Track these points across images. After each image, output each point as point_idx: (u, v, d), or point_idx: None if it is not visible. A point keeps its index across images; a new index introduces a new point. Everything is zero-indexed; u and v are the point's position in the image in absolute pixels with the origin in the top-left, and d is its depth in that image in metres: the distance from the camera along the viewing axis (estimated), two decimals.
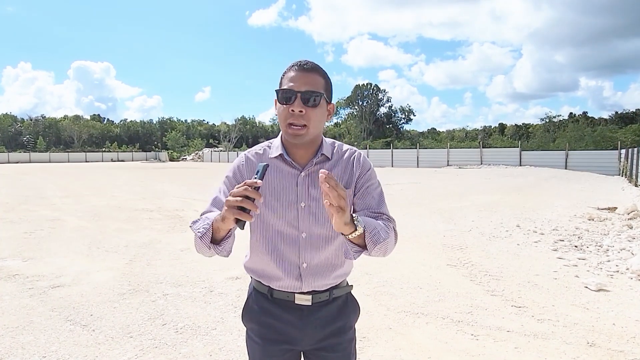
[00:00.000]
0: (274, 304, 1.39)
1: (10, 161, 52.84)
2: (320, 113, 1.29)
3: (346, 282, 1.47)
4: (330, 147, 1.39)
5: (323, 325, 1.39)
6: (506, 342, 3.14)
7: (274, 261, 1.35)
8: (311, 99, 1.25)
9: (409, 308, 3.81)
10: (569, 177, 19.61)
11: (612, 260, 5.30)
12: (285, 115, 1.26)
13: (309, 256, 1.34)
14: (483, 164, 31.26)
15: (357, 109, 65.04)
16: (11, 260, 5.38)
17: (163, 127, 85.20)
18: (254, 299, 1.44)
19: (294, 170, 1.34)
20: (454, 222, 8.03)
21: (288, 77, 1.27)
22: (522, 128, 64.79)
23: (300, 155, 1.35)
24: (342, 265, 1.41)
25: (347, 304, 1.45)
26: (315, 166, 1.34)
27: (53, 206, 10.51)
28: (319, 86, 1.27)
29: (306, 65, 1.27)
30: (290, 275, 1.35)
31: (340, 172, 1.36)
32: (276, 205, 1.33)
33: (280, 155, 1.34)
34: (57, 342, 3.10)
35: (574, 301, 3.98)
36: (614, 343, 3.12)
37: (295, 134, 1.26)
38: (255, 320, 1.42)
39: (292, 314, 1.37)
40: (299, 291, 1.36)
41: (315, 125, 1.28)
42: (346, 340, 1.42)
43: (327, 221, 1.32)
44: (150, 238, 6.74)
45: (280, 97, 1.27)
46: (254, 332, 1.42)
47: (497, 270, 4.96)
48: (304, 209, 1.32)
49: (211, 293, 4.18)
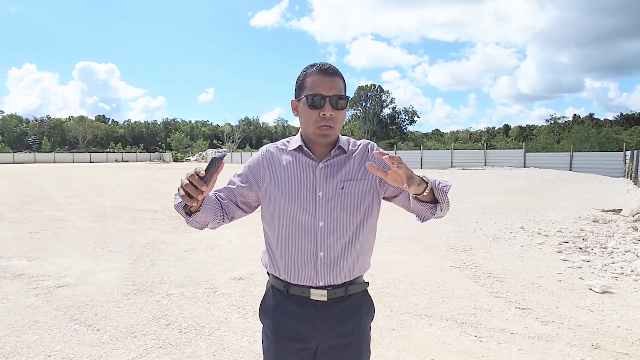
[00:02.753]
0: (289, 301, 1.41)
1: (15, 161, 53.16)
2: (343, 114, 1.39)
3: (362, 279, 1.47)
4: (346, 142, 1.46)
5: (337, 323, 1.39)
6: (510, 344, 3.13)
7: (292, 250, 1.38)
8: (340, 103, 1.33)
9: (413, 309, 3.81)
10: (573, 178, 19.51)
11: (616, 262, 5.28)
12: (315, 118, 1.33)
13: (326, 245, 1.36)
14: (487, 165, 31.16)
15: (360, 110, 65.07)
16: (17, 260, 5.41)
17: (167, 127, 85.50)
18: (270, 296, 1.46)
19: (312, 161, 1.39)
20: (457, 223, 8.01)
21: (312, 81, 1.33)
22: (527, 129, 64.63)
23: (319, 149, 1.42)
24: (358, 257, 1.41)
25: (362, 302, 1.45)
26: (333, 158, 1.40)
27: (58, 206, 10.57)
28: (343, 89, 1.36)
29: (330, 70, 1.34)
30: (306, 265, 1.36)
31: (357, 162, 1.42)
32: (294, 194, 1.37)
33: (299, 147, 1.41)
34: (62, 342, 3.12)
35: (578, 303, 3.96)
36: (618, 345, 3.11)
37: (325, 134, 1.34)
38: (270, 317, 1.44)
39: (307, 310, 1.38)
40: (314, 285, 1.37)
41: (340, 125, 1.38)
42: (360, 339, 1.43)
43: (343, 209, 1.37)
44: (154, 238, 6.76)
45: (310, 102, 1.32)
46: (269, 328, 1.44)
47: (501, 271, 4.94)
48: (322, 198, 1.36)
49: (215, 293, 4.19)
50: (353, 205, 1.38)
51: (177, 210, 1.28)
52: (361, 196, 1.40)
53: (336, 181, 1.37)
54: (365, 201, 1.41)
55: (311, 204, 1.36)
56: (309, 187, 1.37)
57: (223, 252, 5.87)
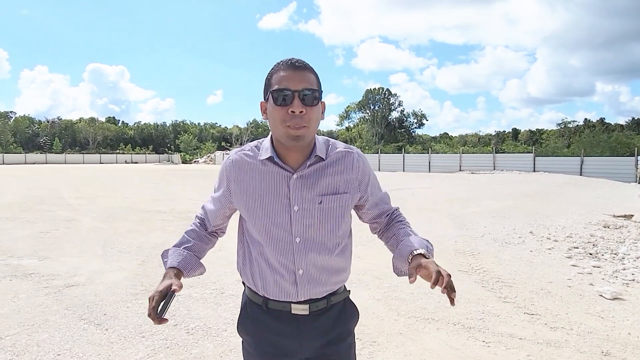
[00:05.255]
0: (269, 315, 1.31)
1: (27, 162, 53.89)
2: (317, 112, 1.21)
3: (344, 287, 1.41)
4: (324, 146, 1.30)
5: (321, 335, 1.32)
6: (518, 349, 3.10)
7: (268, 268, 1.28)
8: (310, 98, 1.17)
9: (420, 313, 3.79)
10: (584, 183, 19.29)
11: (627, 268, 5.20)
12: (282, 117, 1.17)
13: (305, 262, 1.26)
14: (496, 169, 30.93)
15: (368, 113, 64.97)
16: (27, 259, 5.49)
17: (176, 129, 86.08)
18: (248, 310, 1.37)
19: (286, 172, 1.25)
20: (465, 227, 7.96)
21: (279, 77, 1.18)
22: (536, 133, 64.09)
23: (293, 157, 1.26)
24: (339, 272, 1.34)
25: (345, 310, 1.38)
26: (309, 168, 1.26)
27: (68, 206, 10.69)
28: (314, 84, 1.20)
29: (298, 63, 1.19)
30: (285, 283, 1.27)
31: (333, 173, 1.28)
32: (267, 210, 1.25)
33: (270, 158, 1.25)
34: (71, 341, 3.15)
35: (588, 309, 3.91)
36: (629, 353, 3.06)
37: (297, 135, 1.17)
38: (250, 333, 1.35)
39: (289, 325, 1.30)
40: (295, 300, 1.28)
41: (314, 125, 1.21)
42: (345, 346, 1.37)
43: (322, 225, 1.26)
44: (163, 239, 6.81)
45: (275, 98, 1.17)
46: (249, 344, 1.35)
47: (510, 276, 4.90)
48: (297, 212, 1.24)
49: (222, 295, 4.21)
50: (332, 221, 1.27)
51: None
52: (341, 212, 1.29)
53: (314, 195, 1.25)
54: (345, 216, 1.31)
55: (286, 220, 1.24)
56: (283, 200, 1.24)
57: (231, 254, 5.89)
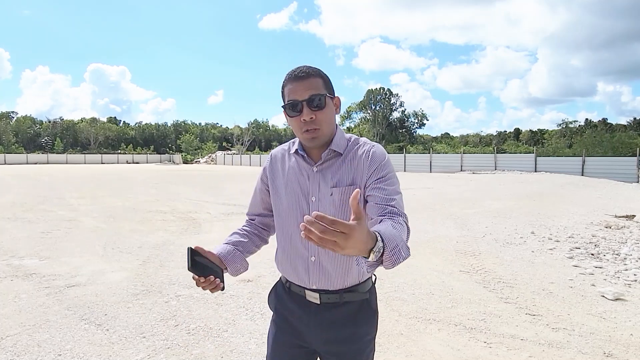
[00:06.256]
0: (290, 296, 1.46)
1: (28, 162, 54.00)
2: (328, 112, 1.33)
3: (363, 288, 1.41)
4: (344, 142, 1.40)
5: (329, 327, 1.38)
6: (520, 350, 3.09)
7: (288, 253, 1.42)
8: (316, 102, 1.29)
9: (421, 314, 3.78)
10: (585, 183, 19.25)
11: (629, 269, 5.19)
12: (298, 124, 1.32)
13: (317, 250, 1.36)
14: (497, 169, 30.88)
15: (369, 113, 64.92)
16: (28, 259, 5.49)
17: (177, 130, 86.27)
18: (277, 287, 1.54)
19: (308, 165, 1.39)
20: (467, 227, 7.95)
21: (288, 90, 1.32)
22: (538, 133, 64.00)
23: (315, 152, 1.40)
24: (348, 266, 1.36)
25: (360, 311, 1.40)
26: (325, 162, 1.37)
27: (70, 207, 10.70)
28: (319, 87, 1.31)
29: (301, 73, 1.31)
30: (300, 268, 1.40)
31: (347, 168, 1.35)
32: (290, 199, 1.40)
33: (296, 151, 1.42)
34: (72, 341, 3.15)
35: (590, 310, 3.90)
36: (631, 354, 3.05)
37: (312, 138, 1.32)
38: (273, 307, 1.53)
39: (303, 310, 1.42)
40: (308, 287, 1.40)
41: (327, 124, 1.33)
42: (355, 349, 1.38)
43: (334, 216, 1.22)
44: (164, 239, 6.81)
45: (288, 111, 1.33)
46: (273, 317, 1.53)
47: (511, 277, 4.89)
48: (315, 203, 1.36)
49: (223, 295, 4.20)
50: (340, 213, 1.33)
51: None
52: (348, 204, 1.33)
53: (327, 187, 1.35)
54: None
55: (304, 208, 1.38)
56: (303, 190, 1.39)
57: None
